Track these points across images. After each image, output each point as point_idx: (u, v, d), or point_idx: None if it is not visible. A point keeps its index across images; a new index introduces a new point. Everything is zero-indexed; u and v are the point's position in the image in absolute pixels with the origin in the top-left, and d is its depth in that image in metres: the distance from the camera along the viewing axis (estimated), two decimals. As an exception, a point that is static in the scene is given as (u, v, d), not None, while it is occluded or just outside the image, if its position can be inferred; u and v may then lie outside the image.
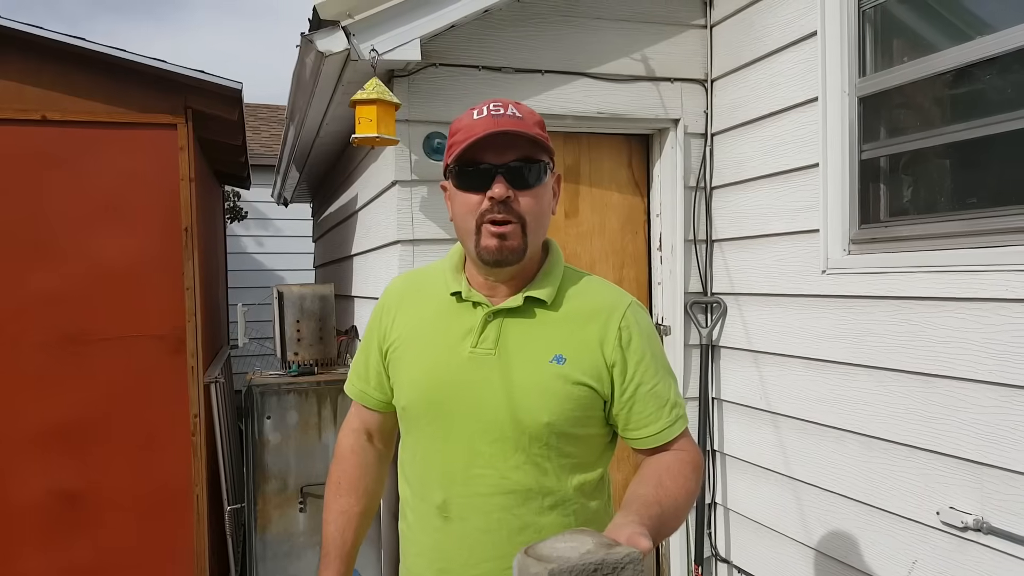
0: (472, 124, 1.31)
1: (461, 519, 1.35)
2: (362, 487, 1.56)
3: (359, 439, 1.58)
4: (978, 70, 2.14)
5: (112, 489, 3.33)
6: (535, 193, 1.33)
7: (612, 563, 0.95)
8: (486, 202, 1.30)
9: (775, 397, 2.85)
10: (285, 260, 7.98)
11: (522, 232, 1.32)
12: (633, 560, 0.96)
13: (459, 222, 1.37)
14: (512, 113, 1.32)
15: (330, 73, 2.85)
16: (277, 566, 3.48)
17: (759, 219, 2.91)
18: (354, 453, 1.57)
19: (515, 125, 1.30)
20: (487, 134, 1.28)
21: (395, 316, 1.48)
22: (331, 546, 1.52)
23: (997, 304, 2.01)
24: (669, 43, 3.12)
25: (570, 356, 1.34)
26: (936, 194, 2.34)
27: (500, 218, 1.30)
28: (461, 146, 1.30)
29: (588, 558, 0.95)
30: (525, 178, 1.31)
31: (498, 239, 1.30)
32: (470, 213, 1.32)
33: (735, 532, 3.16)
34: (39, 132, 3.22)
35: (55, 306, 3.24)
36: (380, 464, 1.60)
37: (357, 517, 1.54)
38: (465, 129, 1.32)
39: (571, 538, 1.01)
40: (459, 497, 1.35)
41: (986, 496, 2.06)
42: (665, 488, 1.25)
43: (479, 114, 1.32)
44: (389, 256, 3.08)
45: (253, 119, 8.43)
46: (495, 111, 1.32)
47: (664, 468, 1.32)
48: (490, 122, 1.30)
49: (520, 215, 1.31)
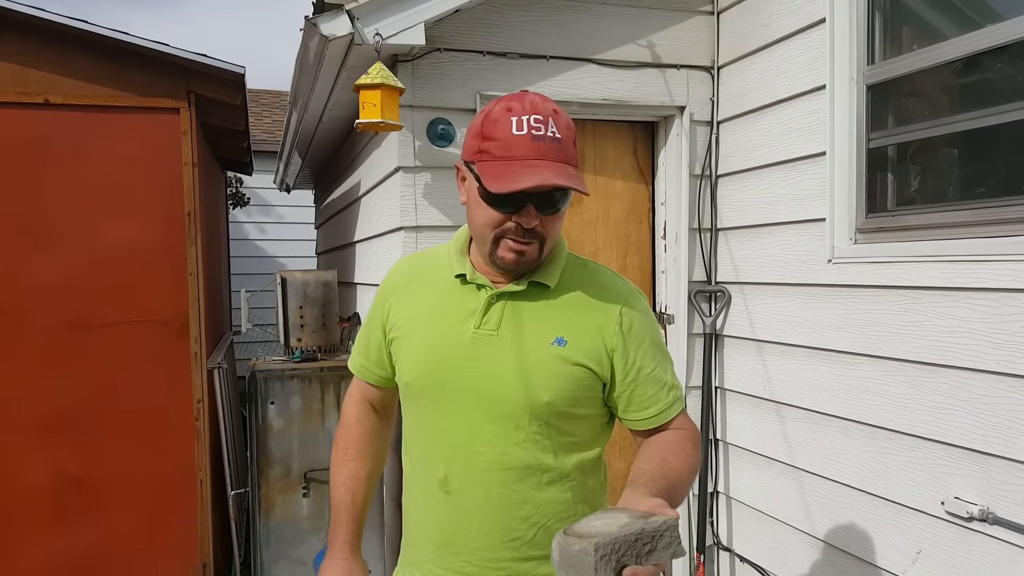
0: (510, 141, 1.26)
1: (462, 494, 1.39)
2: (368, 452, 1.62)
3: (363, 408, 1.64)
4: (988, 58, 2.12)
5: (116, 474, 3.33)
6: (558, 215, 1.34)
7: (651, 531, 1.01)
8: (511, 223, 1.29)
9: (779, 386, 2.84)
10: (287, 247, 7.98)
11: (540, 248, 1.34)
12: (670, 527, 1.02)
13: (475, 225, 1.36)
14: (553, 134, 1.27)
15: (334, 57, 2.82)
16: (281, 550, 3.50)
17: (765, 208, 2.90)
18: (359, 421, 1.63)
19: (556, 155, 1.26)
20: (530, 187, 1.23)
21: (399, 297, 1.50)
22: (342, 507, 1.57)
23: (1005, 294, 2.00)
24: (675, 29, 3.10)
25: (571, 339, 1.36)
26: (944, 183, 2.32)
27: (523, 240, 1.31)
28: (498, 173, 1.25)
29: (628, 529, 1.00)
30: (555, 204, 1.31)
31: (517, 255, 1.32)
32: (491, 226, 1.31)
33: (737, 521, 3.16)
34: (42, 115, 3.21)
35: (58, 291, 3.24)
36: (383, 431, 1.67)
37: (365, 480, 1.60)
38: (503, 144, 1.27)
39: (605, 515, 1.06)
40: (460, 473, 1.38)
41: (992, 486, 2.05)
42: (668, 463, 1.30)
43: (518, 129, 1.26)
44: (392, 242, 3.06)
45: (256, 105, 8.41)
46: (536, 131, 1.26)
47: (666, 445, 1.37)
48: (531, 147, 1.25)
49: (542, 236, 1.33)
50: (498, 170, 1.26)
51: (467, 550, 1.39)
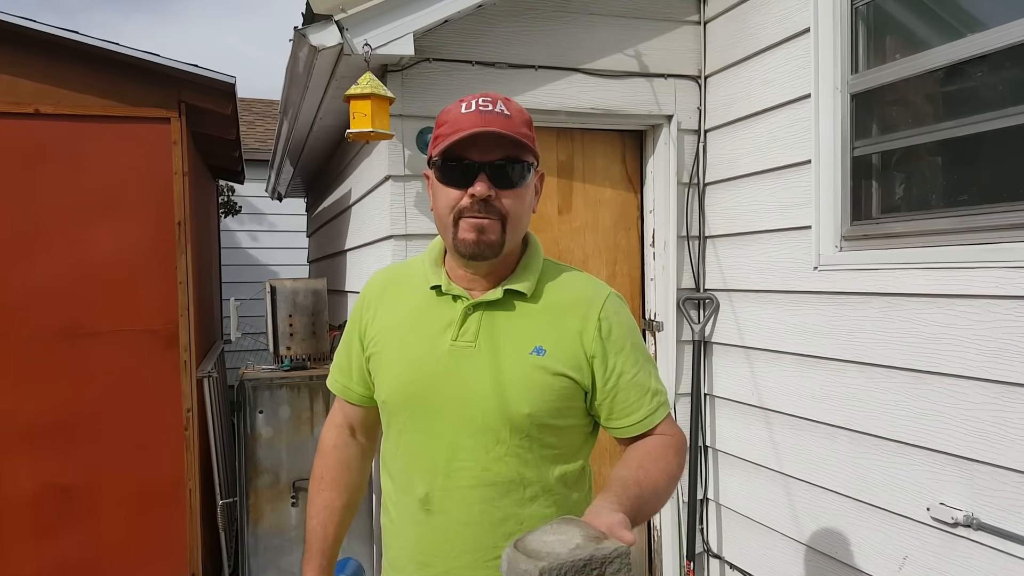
0: (459, 118, 1.31)
1: (443, 512, 1.36)
2: (343, 482, 1.57)
3: (341, 434, 1.59)
4: (970, 67, 2.15)
5: (105, 483, 3.32)
6: (517, 193, 1.33)
7: (601, 558, 0.96)
8: (466, 199, 1.30)
9: (767, 393, 2.85)
10: (279, 255, 7.98)
11: (501, 228, 1.32)
12: (621, 555, 0.97)
13: (438, 214, 1.37)
14: (501, 110, 1.31)
15: (323, 67, 2.84)
16: (269, 560, 3.49)
17: (752, 215, 2.92)
18: (336, 449, 1.58)
19: (502, 125, 1.29)
20: (473, 132, 1.27)
21: (376, 311, 1.49)
22: (314, 540, 1.55)
23: (988, 301, 2.02)
24: (663, 39, 3.12)
25: (550, 347, 1.34)
26: (928, 191, 2.34)
27: (480, 215, 1.30)
28: (446, 140, 1.29)
29: (577, 554, 0.96)
30: (508, 177, 1.31)
31: (476, 232, 1.31)
32: (449, 207, 1.32)
33: (727, 528, 3.17)
34: (32, 125, 3.21)
35: (47, 300, 3.23)
36: (363, 459, 1.62)
37: (339, 511, 1.56)
38: (452, 123, 1.31)
39: (558, 529, 1.01)
40: (441, 490, 1.35)
41: (976, 492, 2.06)
42: (646, 471, 1.26)
43: (467, 108, 1.31)
44: (382, 251, 3.07)
45: (247, 113, 8.42)
46: (484, 107, 1.30)
47: (645, 452, 1.33)
48: (478, 118, 1.29)
49: (501, 213, 1.32)
50: (445, 140, 1.30)
51: (449, 569, 1.36)
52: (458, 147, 1.29)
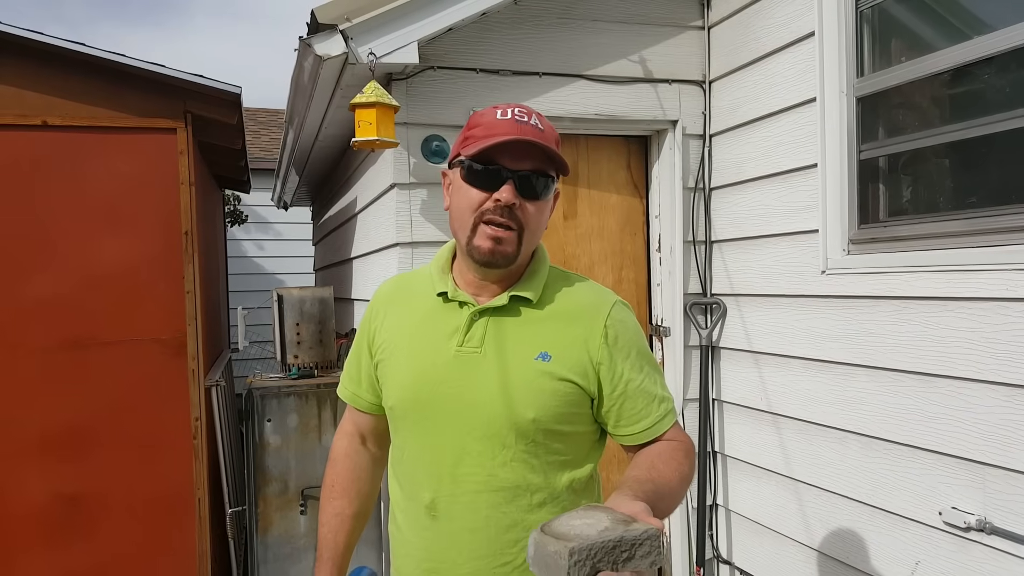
0: (494, 123, 1.32)
1: (449, 518, 1.36)
2: (355, 490, 1.58)
3: (352, 443, 1.60)
4: (976, 69, 2.14)
5: (114, 493, 3.32)
6: (539, 205, 1.35)
7: (631, 540, 0.95)
8: (491, 203, 1.31)
9: (775, 398, 2.84)
10: (285, 263, 8.00)
11: (518, 240, 1.33)
12: (651, 536, 0.96)
13: (456, 214, 1.37)
14: (535, 124, 1.33)
15: (328, 77, 2.85)
16: (278, 568, 3.48)
17: (758, 220, 2.91)
18: (347, 457, 1.59)
19: (537, 136, 1.31)
20: (509, 139, 1.28)
21: (383, 319, 1.49)
22: (324, 548, 1.55)
23: (998, 303, 2.01)
24: (667, 44, 3.12)
25: (555, 353, 1.34)
26: (935, 194, 2.33)
27: (501, 221, 1.31)
28: (480, 143, 1.31)
29: (607, 535, 0.94)
30: (533, 188, 1.33)
31: (493, 242, 1.32)
32: (471, 209, 1.33)
33: (737, 533, 3.15)
34: (40, 137, 3.22)
35: (56, 310, 3.24)
36: (374, 467, 1.62)
37: (350, 520, 1.57)
38: (486, 126, 1.33)
39: (586, 514, 1.01)
40: (447, 496, 1.35)
41: (988, 496, 2.05)
42: (658, 471, 1.27)
43: (503, 115, 1.33)
44: (388, 258, 3.08)
45: (253, 123, 8.44)
46: (519, 117, 1.32)
47: (656, 454, 1.34)
48: (513, 127, 1.31)
49: (521, 223, 1.33)
50: (478, 143, 1.31)
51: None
52: (491, 151, 1.30)
